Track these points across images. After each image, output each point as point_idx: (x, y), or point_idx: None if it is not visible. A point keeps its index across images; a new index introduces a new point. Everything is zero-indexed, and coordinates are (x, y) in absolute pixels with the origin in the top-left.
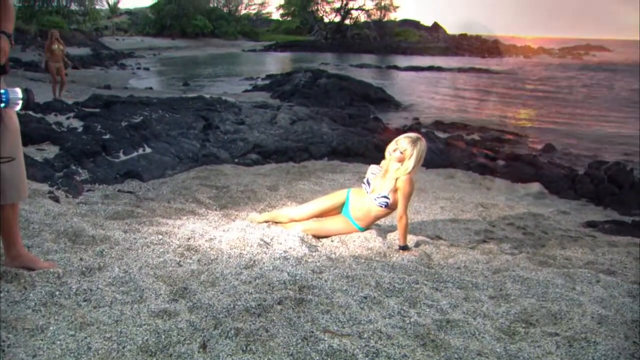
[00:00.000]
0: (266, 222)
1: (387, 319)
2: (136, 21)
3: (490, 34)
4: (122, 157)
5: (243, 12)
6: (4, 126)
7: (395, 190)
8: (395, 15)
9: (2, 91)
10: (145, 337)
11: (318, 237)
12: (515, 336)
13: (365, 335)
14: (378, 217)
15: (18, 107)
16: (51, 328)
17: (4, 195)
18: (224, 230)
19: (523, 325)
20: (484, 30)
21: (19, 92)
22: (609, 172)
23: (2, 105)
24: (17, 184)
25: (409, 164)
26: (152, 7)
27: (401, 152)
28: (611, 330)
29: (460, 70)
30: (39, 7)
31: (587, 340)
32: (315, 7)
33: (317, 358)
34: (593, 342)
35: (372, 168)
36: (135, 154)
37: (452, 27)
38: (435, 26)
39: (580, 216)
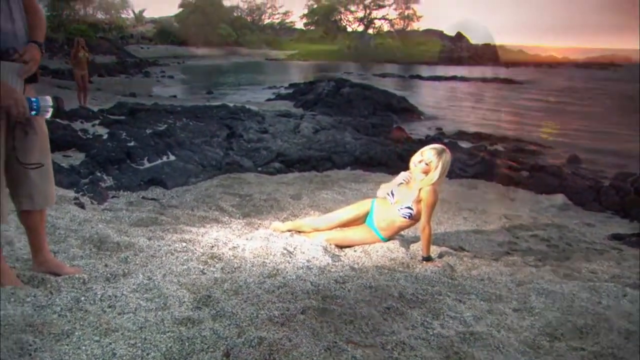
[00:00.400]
0: (289, 231)
1: (410, 330)
2: (161, 30)
3: (514, 43)
4: (147, 165)
5: (267, 21)
6: (34, 133)
7: (419, 201)
8: (418, 25)
9: (34, 99)
10: (169, 344)
11: (341, 246)
12: (540, 350)
13: (389, 347)
14: (402, 228)
15: (48, 115)
16: (76, 333)
17: (33, 201)
18: (247, 239)
19: (548, 339)
20: (507, 40)
21: (49, 100)
22: (635, 184)
23: (34, 112)
24: (46, 190)
25: (434, 175)
26: (177, 16)
27: (426, 164)
28: (639, 346)
29: (483, 80)
30: (66, 16)
31: (614, 355)
32: (339, 17)
33: None
34: (620, 358)
35: (403, 175)
36: (159, 161)
37: (475, 36)
38: (459, 36)
39: (605, 228)
